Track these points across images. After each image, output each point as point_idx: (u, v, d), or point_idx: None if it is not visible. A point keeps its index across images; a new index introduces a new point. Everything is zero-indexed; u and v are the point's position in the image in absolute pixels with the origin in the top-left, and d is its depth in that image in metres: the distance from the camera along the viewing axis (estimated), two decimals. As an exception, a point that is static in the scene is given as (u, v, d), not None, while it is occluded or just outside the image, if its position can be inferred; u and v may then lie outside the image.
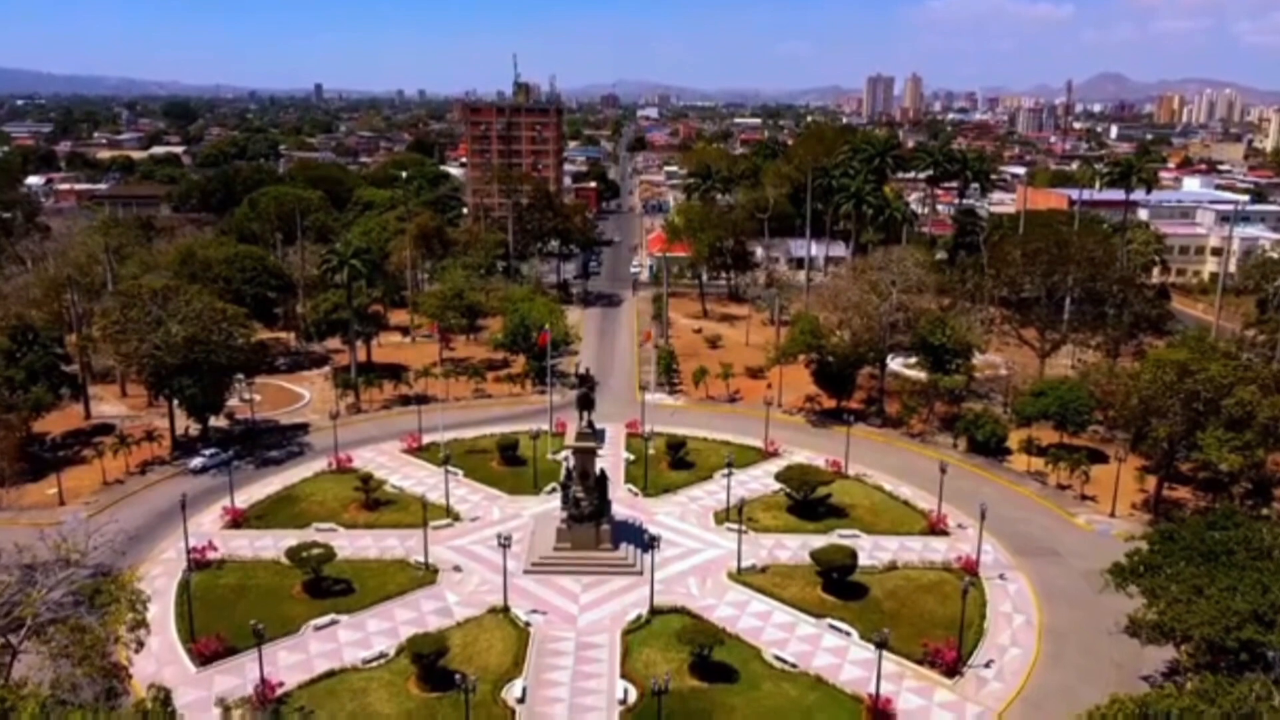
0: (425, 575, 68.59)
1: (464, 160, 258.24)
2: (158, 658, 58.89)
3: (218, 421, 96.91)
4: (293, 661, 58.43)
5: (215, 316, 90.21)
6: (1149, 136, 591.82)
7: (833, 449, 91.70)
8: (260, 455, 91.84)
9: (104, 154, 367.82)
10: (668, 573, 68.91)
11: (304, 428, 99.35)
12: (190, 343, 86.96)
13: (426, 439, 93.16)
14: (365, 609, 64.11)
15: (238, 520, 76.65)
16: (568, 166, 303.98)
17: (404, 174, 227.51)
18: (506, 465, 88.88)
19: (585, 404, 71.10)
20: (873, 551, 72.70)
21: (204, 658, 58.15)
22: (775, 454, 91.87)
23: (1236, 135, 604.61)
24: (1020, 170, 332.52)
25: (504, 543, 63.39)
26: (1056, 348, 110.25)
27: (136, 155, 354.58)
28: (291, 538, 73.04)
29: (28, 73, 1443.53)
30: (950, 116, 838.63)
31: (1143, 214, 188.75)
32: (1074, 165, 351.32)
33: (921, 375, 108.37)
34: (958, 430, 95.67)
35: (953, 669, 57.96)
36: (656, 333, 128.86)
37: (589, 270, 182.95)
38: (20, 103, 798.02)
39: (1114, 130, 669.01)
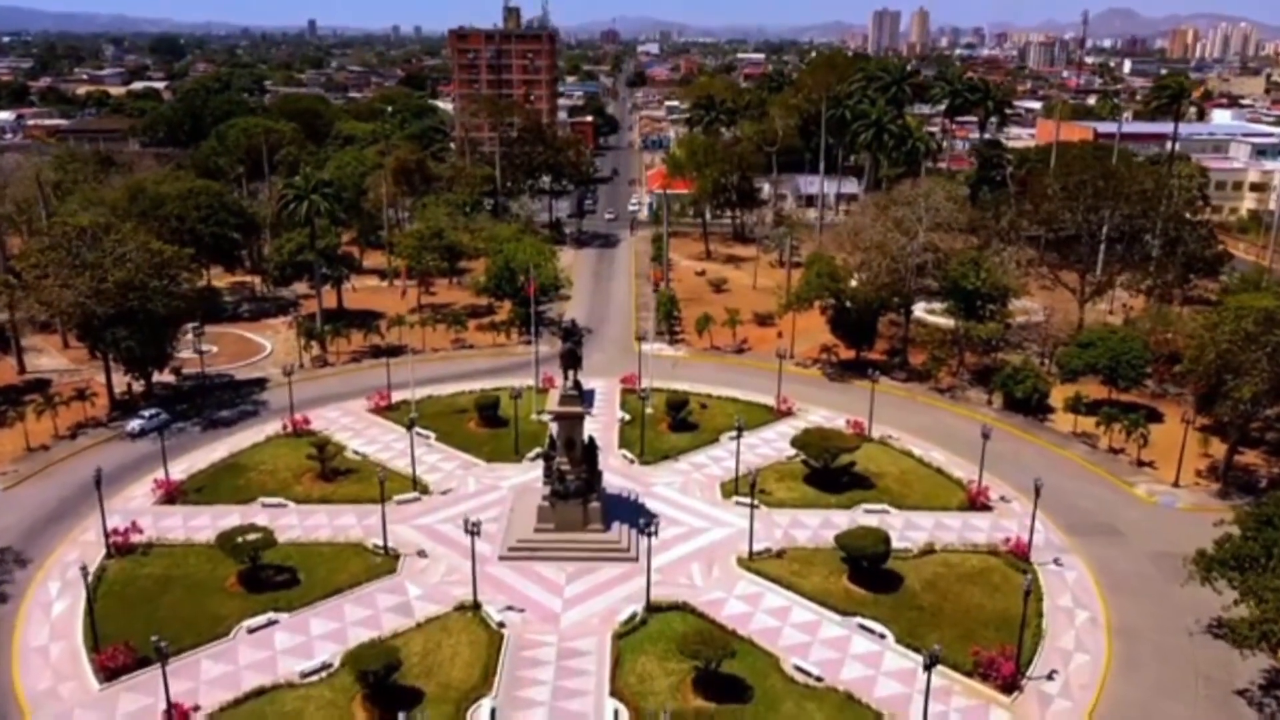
0: (384, 562, 58.62)
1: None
2: (56, 670, 49.26)
3: (164, 377, 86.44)
4: (217, 674, 48.62)
5: (152, 259, 79.32)
6: (1163, 71, 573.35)
7: (852, 406, 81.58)
8: (209, 416, 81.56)
9: (83, 90, 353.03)
10: (667, 558, 58.96)
11: (261, 383, 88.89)
12: (125, 288, 76.29)
13: (397, 396, 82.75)
14: (309, 605, 54.15)
15: (172, 494, 66.47)
16: (565, 102, 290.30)
17: (389, 108, 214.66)
18: (486, 427, 78.51)
19: (571, 361, 60.60)
20: (904, 531, 62.54)
21: (109, 671, 48.31)
22: (789, 413, 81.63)
23: (1255, 70, 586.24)
24: (1035, 105, 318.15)
25: (473, 529, 53.22)
26: (1100, 292, 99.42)
27: (115, 91, 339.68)
28: (233, 515, 63.38)
29: (17, 9, 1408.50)
30: (958, 52, 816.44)
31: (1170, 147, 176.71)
32: (1091, 100, 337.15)
33: (948, 322, 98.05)
34: (993, 385, 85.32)
35: (1010, 683, 48.07)
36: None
37: (584, 209, 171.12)
38: (6, 39, 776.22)
39: (1127, 65, 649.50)
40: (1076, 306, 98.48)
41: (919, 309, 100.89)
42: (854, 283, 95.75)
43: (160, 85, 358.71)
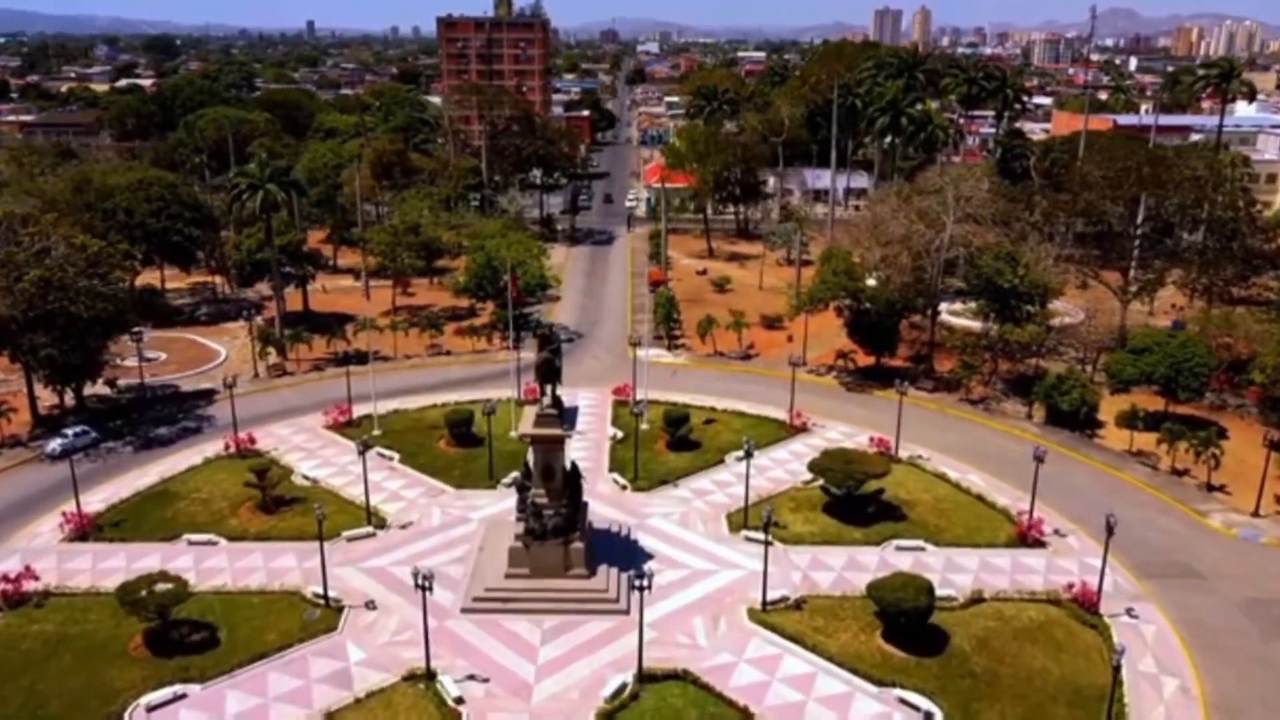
0: (324, 617, 48.83)
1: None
2: (-100, 763, 39.57)
3: (99, 389, 76.65)
4: (99, 771, 39.01)
5: (80, 254, 69.65)
6: (1169, 68, 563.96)
7: (874, 420, 72.02)
8: (144, 433, 71.78)
9: (66, 87, 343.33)
10: (664, 609, 49.20)
11: (210, 395, 79.08)
12: (44, 288, 66.66)
13: (359, 410, 73.08)
14: (227, 674, 44.33)
15: (84, 530, 56.69)
16: (563, 97, 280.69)
17: (376, 103, 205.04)
18: (458, 446, 68.70)
19: (549, 374, 50.77)
20: (945, 573, 52.85)
21: (-37, 767, 38.73)
22: (803, 429, 71.93)
23: (1264, 66, 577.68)
24: (1045, 100, 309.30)
25: (424, 582, 43.47)
26: (1148, 290, 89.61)
27: (100, 88, 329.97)
28: (153, 555, 53.78)
29: (14, 11, 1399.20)
30: (960, 51, 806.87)
31: (1195, 140, 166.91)
32: (1102, 95, 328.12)
33: (974, 324, 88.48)
34: (1034, 396, 75.53)
35: (1096, 783, 38.38)
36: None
37: (578, 204, 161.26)
38: (2, 40, 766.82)
39: (1133, 63, 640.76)
40: (1115, 307, 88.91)
41: (942, 310, 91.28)
42: (871, 281, 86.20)
43: (147, 82, 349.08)
